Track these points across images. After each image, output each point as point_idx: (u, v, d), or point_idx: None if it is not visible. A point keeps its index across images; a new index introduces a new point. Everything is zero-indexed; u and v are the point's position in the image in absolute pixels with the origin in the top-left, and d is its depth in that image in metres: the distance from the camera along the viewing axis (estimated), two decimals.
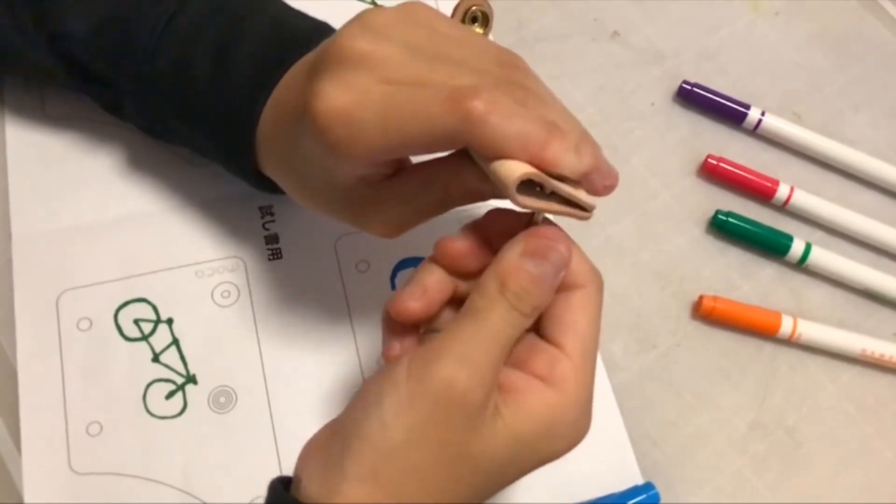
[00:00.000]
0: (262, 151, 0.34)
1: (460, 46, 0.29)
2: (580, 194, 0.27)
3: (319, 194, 0.32)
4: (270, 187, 0.36)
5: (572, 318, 0.28)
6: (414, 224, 0.32)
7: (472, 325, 0.27)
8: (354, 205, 0.31)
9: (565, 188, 0.27)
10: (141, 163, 0.42)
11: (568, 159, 0.26)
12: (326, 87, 0.27)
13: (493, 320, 0.26)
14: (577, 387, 0.27)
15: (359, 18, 0.28)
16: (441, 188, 0.30)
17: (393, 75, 0.27)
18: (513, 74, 0.29)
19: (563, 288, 0.29)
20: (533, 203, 0.27)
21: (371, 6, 0.49)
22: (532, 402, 0.27)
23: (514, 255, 0.27)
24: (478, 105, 0.25)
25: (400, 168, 0.32)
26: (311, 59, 0.31)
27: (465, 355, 0.26)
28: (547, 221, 0.29)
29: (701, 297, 0.43)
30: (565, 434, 0.27)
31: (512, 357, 0.29)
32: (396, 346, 0.30)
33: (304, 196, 0.33)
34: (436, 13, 0.30)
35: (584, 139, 0.28)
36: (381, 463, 0.25)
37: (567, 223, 0.29)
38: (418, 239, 0.42)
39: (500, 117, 0.26)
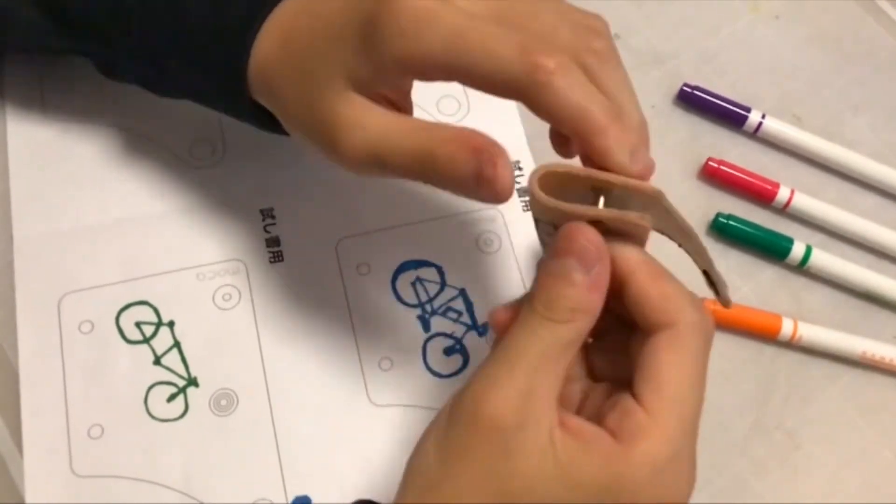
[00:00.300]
0: (261, 67, 0.32)
1: (547, 3, 0.28)
2: (628, 180, 0.26)
3: (308, 103, 0.30)
4: (264, 121, 0.34)
5: (654, 364, 0.25)
6: (379, 168, 0.28)
7: (503, 347, 0.25)
8: (340, 117, 0.29)
9: (614, 177, 0.26)
10: (143, 165, 0.42)
11: (620, 157, 0.26)
12: None
13: (521, 336, 0.25)
14: (654, 445, 0.24)
15: None
16: (430, 146, 0.27)
17: (478, 6, 0.27)
18: (594, 42, 0.28)
19: (650, 329, 0.26)
20: (550, 202, 0.25)
21: None
22: (593, 452, 0.24)
23: (541, 265, 0.26)
24: (548, 63, 0.25)
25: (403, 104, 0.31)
26: None
27: (491, 375, 0.25)
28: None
29: (702, 300, 0.43)
30: (638, 494, 0.24)
31: (598, 413, 0.27)
32: None
33: (296, 107, 0.31)
34: None
35: (644, 143, 0.27)
36: (425, 493, 0.25)
37: None
38: (420, 242, 0.42)
39: (566, 84, 0.25)
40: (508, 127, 0.47)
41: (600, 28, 0.29)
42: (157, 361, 0.38)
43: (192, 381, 0.38)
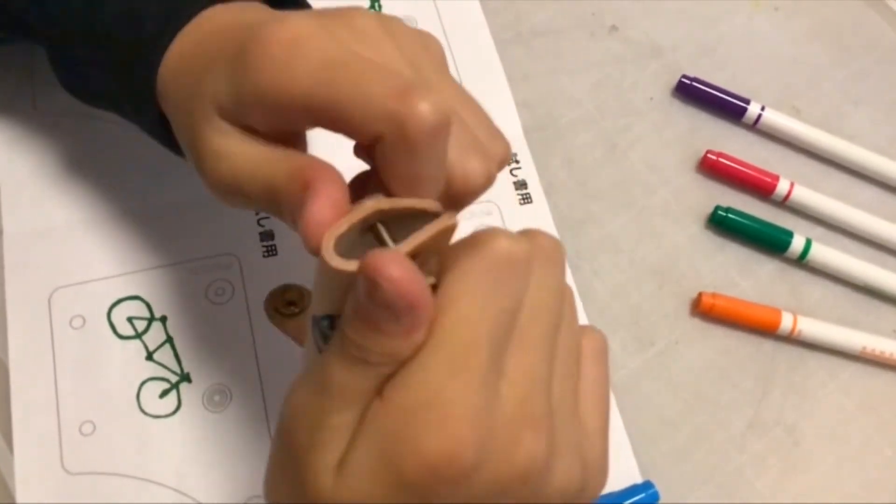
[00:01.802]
0: (165, 80, 0.30)
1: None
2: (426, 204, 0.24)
3: (187, 126, 0.28)
4: (169, 141, 0.32)
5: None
6: (241, 197, 0.27)
7: (315, 369, 0.23)
8: (205, 144, 0.27)
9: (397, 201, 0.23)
10: (133, 159, 0.42)
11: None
12: (289, 18, 0.25)
13: (334, 368, 0.22)
14: (403, 389, 0.22)
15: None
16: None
17: (362, 40, 0.25)
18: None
19: None
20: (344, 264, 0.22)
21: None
22: (362, 436, 0.23)
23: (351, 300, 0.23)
24: (428, 114, 0.22)
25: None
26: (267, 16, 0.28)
27: (300, 401, 0.24)
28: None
29: (700, 294, 0.43)
30: (398, 443, 0.21)
31: None
32: None
33: (179, 128, 0.29)
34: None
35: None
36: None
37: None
38: None
39: (443, 145, 0.23)
40: (504, 119, 0.46)
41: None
42: (150, 357, 0.38)
43: (185, 377, 0.38)
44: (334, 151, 0.26)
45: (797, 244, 0.45)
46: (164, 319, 0.39)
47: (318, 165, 0.24)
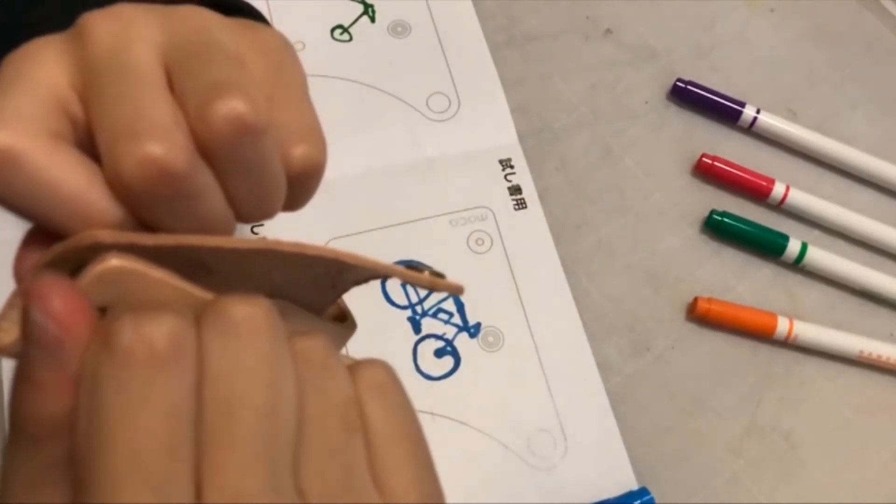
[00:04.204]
0: None
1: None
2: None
3: None
4: None
5: None
6: None
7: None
8: None
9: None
10: None
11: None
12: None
13: (6, 459, 0.17)
14: None
15: None
16: None
17: None
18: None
19: None
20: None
21: (362, 5, 0.48)
22: None
23: None
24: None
25: None
26: None
27: None
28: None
29: (696, 299, 0.43)
30: None
31: None
32: None
33: None
34: None
35: None
36: None
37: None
38: (411, 242, 0.42)
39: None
40: (499, 125, 0.46)
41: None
42: None
43: None
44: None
45: (793, 248, 0.44)
46: None
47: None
